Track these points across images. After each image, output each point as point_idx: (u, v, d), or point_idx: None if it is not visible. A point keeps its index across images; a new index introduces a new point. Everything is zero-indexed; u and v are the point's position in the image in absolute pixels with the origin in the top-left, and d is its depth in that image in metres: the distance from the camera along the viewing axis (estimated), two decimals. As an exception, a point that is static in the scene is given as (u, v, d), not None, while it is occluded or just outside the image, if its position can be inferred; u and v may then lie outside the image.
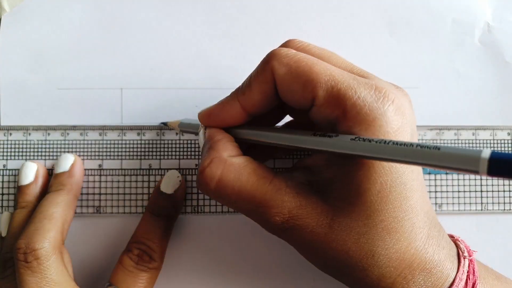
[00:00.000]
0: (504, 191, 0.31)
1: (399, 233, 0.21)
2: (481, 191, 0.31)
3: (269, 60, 0.22)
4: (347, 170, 0.21)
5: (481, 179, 0.31)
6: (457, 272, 0.21)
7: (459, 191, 0.31)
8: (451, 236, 0.24)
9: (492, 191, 0.31)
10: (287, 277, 0.30)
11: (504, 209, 0.31)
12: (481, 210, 0.31)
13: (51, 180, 0.29)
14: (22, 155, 0.31)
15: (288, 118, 0.28)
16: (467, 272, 0.22)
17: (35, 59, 0.31)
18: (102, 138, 0.31)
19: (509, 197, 0.31)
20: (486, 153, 0.16)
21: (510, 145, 0.31)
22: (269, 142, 0.24)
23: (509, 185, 0.31)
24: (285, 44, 0.24)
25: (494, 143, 0.31)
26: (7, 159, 0.31)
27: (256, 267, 0.31)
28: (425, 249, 0.21)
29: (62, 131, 0.31)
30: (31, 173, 0.30)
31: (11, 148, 0.31)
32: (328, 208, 0.21)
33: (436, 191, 0.31)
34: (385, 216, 0.21)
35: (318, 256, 0.22)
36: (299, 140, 0.22)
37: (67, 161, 0.30)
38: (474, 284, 0.21)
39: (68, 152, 0.31)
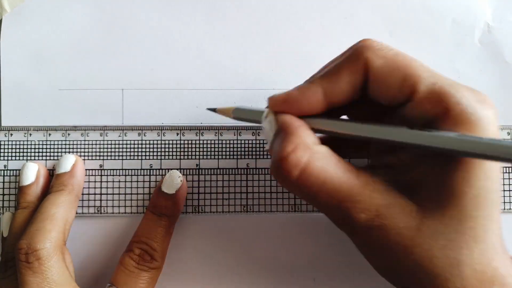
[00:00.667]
0: (504, 190, 0.31)
1: (485, 243, 0.19)
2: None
3: (362, 50, 0.21)
4: (440, 170, 0.20)
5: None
6: None
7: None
8: None
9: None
10: (287, 277, 0.31)
11: (504, 209, 0.31)
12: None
13: (53, 180, 0.29)
14: (23, 156, 0.31)
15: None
16: None
17: (36, 59, 0.31)
18: (103, 139, 0.31)
19: (509, 196, 0.31)
20: None
21: (510, 144, 0.31)
22: (354, 135, 0.22)
23: (509, 184, 0.31)
24: (363, 43, 0.22)
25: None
26: (8, 160, 0.31)
27: (256, 267, 0.31)
28: (505, 264, 0.20)
29: (63, 132, 0.31)
30: (32, 173, 0.30)
31: (12, 148, 0.31)
32: (417, 209, 0.20)
33: (436, 191, 0.31)
34: (476, 223, 0.19)
35: (393, 260, 0.20)
36: (397, 133, 0.20)
37: (68, 162, 0.30)
38: None
39: (69, 152, 0.31)
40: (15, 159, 0.31)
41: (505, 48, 0.32)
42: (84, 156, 0.31)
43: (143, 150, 0.31)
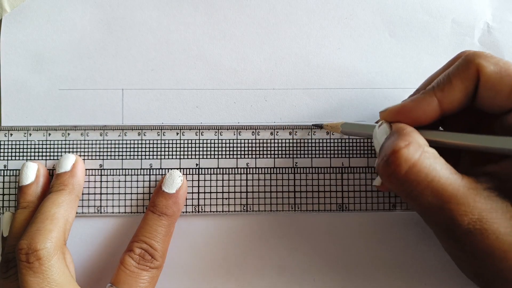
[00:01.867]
0: None
1: None
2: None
3: (473, 57, 0.22)
4: None
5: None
6: None
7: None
8: None
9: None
10: (287, 277, 0.31)
11: None
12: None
13: (53, 180, 0.29)
14: (23, 156, 0.31)
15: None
16: None
17: (36, 59, 0.31)
18: (103, 138, 0.31)
19: None
20: None
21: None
22: (464, 145, 0.23)
23: None
24: (472, 52, 0.24)
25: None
26: (8, 160, 0.31)
27: (256, 267, 0.31)
28: None
29: (63, 132, 0.31)
30: (32, 173, 0.30)
31: (12, 148, 0.31)
32: None
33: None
34: None
35: (488, 265, 0.21)
36: (508, 143, 0.22)
37: (68, 161, 0.30)
38: None
39: (69, 152, 0.31)
40: (15, 159, 0.31)
41: (505, 48, 0.32)
42: (84, 156, 0.31)
43: (143, 150, 0.31)
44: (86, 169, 0.31)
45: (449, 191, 0.21)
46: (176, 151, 0.31)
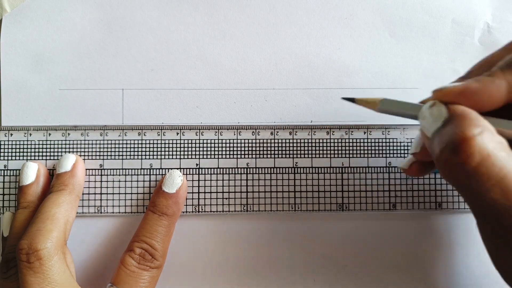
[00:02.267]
0: None
1: None
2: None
3: None
4: None
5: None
6: None
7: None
8: None
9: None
10: (287, 277, 0.31)
11: None
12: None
13: (53, 180, 0.29)
14: (23, 156, 0.31)
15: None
16: None
17: (36, 59, 0.31)
18: (103, 138, 0.31)
19: None
20: None
21: (509, 144, 0.31)
22: None
23: None
24: None
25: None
26: (8, 160, 0.31)
27: (256, 267, 0.31)
28: None
29: (63, 132, 0.31)
30: (32, 173, 0.30)
31: (12, 148, 0.31)
32: None
33: (436, 190, 0.31)
34: None
35: None
36: None
37: (68, 161, 0.30)
38: None
39: (69, 152, 0.31)
40: (15, 159, 0.31)
41: (504, 48, 0.32)
42: (84, 156, 0.31)
43: (143, 149, 0.31)
44: (86, 169, 0.31)
45: None
46: (176, 151, 0.31)
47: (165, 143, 0.31)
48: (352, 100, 0.26)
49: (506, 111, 0.22)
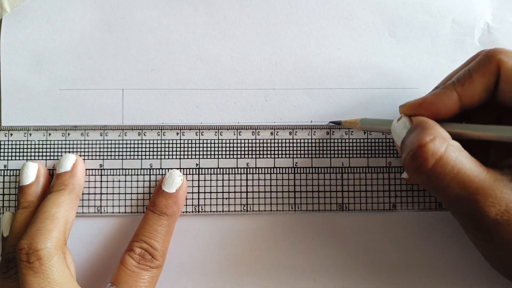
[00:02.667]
0: None
1: None
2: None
3: (494, 53, 0.23)
4: None
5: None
6: None
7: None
8: None
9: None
10: (287, 277, 0.31)
11: None
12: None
13: (53, 180, 0.29)
14: (23, 156, 0.31)
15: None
16: None
17: (36, 59, 0.31)
18: (103, 138, 0.31)
19: None
20: None
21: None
22: (484, 136, 0.23)
23: (508, 184, 0.31)
24: (494, 49, 0.25)
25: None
26: (8, 160, 0.31)
27: (256, 267, 0.31)
28: None
29: (63, 132, 0.31)
30: (32, 173, 0.30)
31: (12, 148, 0.31)
32: None
33: (435, 191, 0.31)
34: None
35: None
36: None
37: (68, 161, 0.30)
38: None
39: (69, 152, 0.31)
40: (15, 159, 0.31)
41: (505, 48, 0.32)
42: (84, 156, 0.31)
43: (143, 150, 0.31)
44: (86, 169, 0.31)
45: (476, 183, 0.21)
46: (176, 151, 0.31)
47: (165, 143, 0.31)
48: (338, 123, 0.31)
49: (467, 116, 0.27)
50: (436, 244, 0.31)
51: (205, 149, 0.31)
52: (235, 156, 0.31)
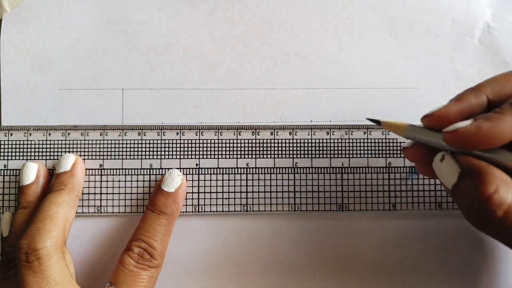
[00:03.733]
0: None
1: None
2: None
3: None
4: None
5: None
6: None
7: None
8: None
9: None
10: (287, 277, 0.31)
11: None
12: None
13: (53, 180, 0.29)
14: (23, 155, 0.31)
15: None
16: None
17: (36, 59, 0.31)
18: (103, 138, 0.31)
19: None
20: None
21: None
22: None
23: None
24: None
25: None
26: (8, 160, 0.31)
27: (256, 267, 0.31)
28: None
29: (63, 131, 0.31)
30: (32, 173, 0.30)
31: (12, 148, 0.31)
32: None
33: (436, 190, 0.31)
34: None
35: None
36: None
37: (68, 161, 0.30)
38: None
39: (69, 152, 0.31)
40: (15, 159, 0.31)
41: (505, 48, 0.32)
42: (84, 155, 0.31)
43: (143, 149, 0.31)
44: (86, 169, 0.31)
45: None
46: (176, 151, 0.31)
47: (165, 143, 0.31)
48: (377, 122, 0.26)
49: None
50: (436, 244, 0.31)
51: (205, 149, 0.31)
52: (235, 156, 0.31)
